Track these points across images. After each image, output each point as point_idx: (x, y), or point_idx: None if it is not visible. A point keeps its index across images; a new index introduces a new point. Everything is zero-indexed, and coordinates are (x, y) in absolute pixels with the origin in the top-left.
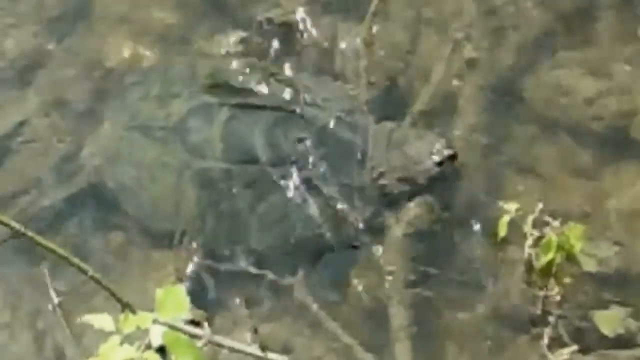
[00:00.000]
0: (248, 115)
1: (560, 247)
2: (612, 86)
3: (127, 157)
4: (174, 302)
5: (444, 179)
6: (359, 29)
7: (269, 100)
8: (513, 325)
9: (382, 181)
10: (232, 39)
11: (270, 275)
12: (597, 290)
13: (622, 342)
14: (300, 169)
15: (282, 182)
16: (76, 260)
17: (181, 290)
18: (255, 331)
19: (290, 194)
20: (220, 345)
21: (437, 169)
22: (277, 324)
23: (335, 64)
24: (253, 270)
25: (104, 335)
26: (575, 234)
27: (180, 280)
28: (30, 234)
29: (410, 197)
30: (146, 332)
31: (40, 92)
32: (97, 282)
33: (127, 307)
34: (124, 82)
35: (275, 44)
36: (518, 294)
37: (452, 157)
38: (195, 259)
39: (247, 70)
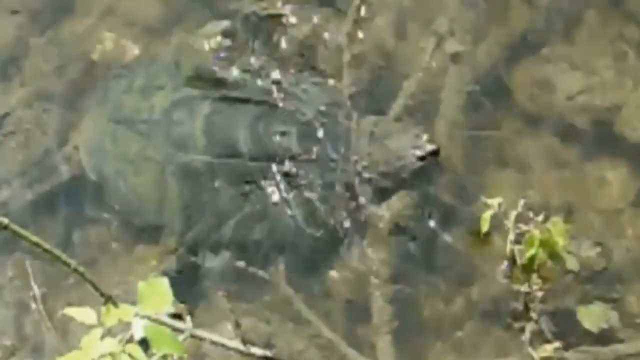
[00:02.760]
0: (231, 108)
1: (543, 243)
2: (596, 82)
3: (110, 150)
4: (157, 296)
5: (426, 173)
6: (342, 23)
7: (252, 93)
8: (495, 321)
9: (365, 175)
10: (216, 32)
11: (252, 269)
12: (580, 286)
13: (605, 338)
14: (282, 163)
15: (264, 176)
16: (59, 253)
17: (164, 283)
18: (238, 325)
19: (273, 187)
20: (202, 339)
21: (419, 164)
22: (259, 318)
23: (319, 58)
24: (235, 264)
25: (86, 328)
26: (557, 230)
27: (162, 273)
28: (13, 226)
29: (392, 191)
30: (128, 325)
31: (24, 84)
32: (80, 275)
33: (109, 300)
34: (107, 75)
35: (259, 37)
36: (500, 289)
37: (435, 152)
38: (178, 252)
39: (231, 63)
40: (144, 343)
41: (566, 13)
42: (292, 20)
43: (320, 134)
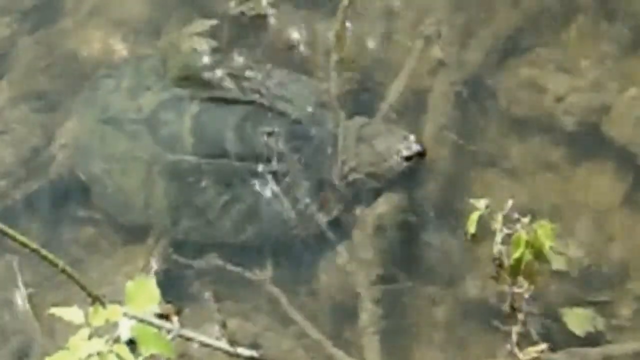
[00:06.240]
0: (218, 109)
1: (529, 245)
2: (583, 83)
3: (97, 149)
4: (144, 295)
5: (413, 175)
6: (330, 24)
7: (239, 94)
8: (482, 322)
9: (352, 176)
10: (203, 33)
11: (239, 270)
12: (567, 288)
13: (592, 339)
14: (270, 164)
15: (251, 177)
16: (46, 252)
17: (152, 283)
18: (224, 325)
19: (260, 188)
20: (189, 339)
21: (406, 165)
22: (246, 319)
23: (307, 59)
24: (222, 264)
25: (74, 328)
26: (544, 231)
27: (150, 273)
28: (0, 225)
29: (379, 192)
30: (116, 325)
31: (12, 83)
32: (68, 274)
33: (96, 300)
34: (95, 75)
35: (247, 37)
36: (487, 290)
37: (422, 153)
38: (165, 252)
39: (218, 64)
40: (132, 343)
41: (553, 14)
42: (279, 21)
43: (307, 134)
